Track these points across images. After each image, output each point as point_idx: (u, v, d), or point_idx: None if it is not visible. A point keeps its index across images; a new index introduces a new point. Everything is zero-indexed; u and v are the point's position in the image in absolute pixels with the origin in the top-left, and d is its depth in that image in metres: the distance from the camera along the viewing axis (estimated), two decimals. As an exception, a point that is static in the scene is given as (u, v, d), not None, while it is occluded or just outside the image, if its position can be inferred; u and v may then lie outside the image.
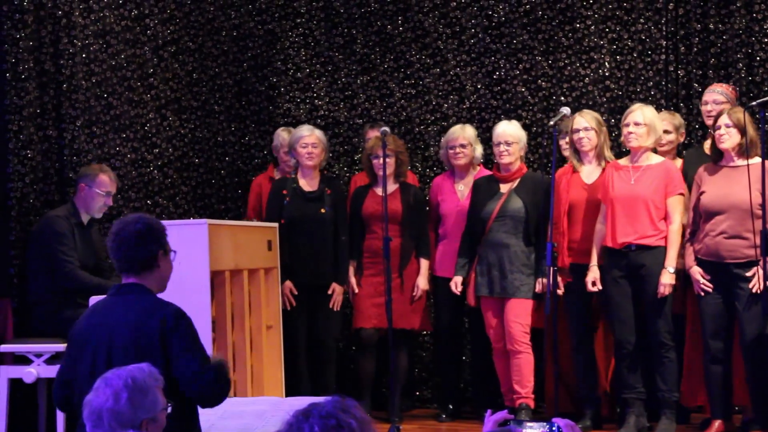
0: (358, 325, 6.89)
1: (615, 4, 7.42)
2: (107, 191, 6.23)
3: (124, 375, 3.05)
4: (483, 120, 7.62)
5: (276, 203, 6.86)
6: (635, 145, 6.16)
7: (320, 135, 6.94)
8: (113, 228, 3.91)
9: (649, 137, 6.16)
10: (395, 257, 6.71)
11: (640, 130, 6.15)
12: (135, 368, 3.10)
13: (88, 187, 6.20)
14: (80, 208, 6.23)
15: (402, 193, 6.87)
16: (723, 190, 5.91)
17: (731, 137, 5.92)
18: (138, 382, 3.04)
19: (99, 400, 3.00)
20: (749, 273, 5.83)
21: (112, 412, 2.98)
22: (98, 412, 2.98)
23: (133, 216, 3.95)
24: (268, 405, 4.87)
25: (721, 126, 5.94)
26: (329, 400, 2.51)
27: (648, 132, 6.15)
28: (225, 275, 5.88)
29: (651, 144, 6.20)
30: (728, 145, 5.93)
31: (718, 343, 5.97)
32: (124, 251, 3.84)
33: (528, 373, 6.45)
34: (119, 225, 3.90)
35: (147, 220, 3.90)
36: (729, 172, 5.95)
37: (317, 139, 6.88)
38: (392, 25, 7.87)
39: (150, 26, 7.25)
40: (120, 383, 3.02)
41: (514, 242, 6.48)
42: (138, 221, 3.88)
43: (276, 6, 8.04)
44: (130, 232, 3.84)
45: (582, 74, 7.46)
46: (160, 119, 7.31)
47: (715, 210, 5.92)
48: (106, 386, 3.02)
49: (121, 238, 3.85)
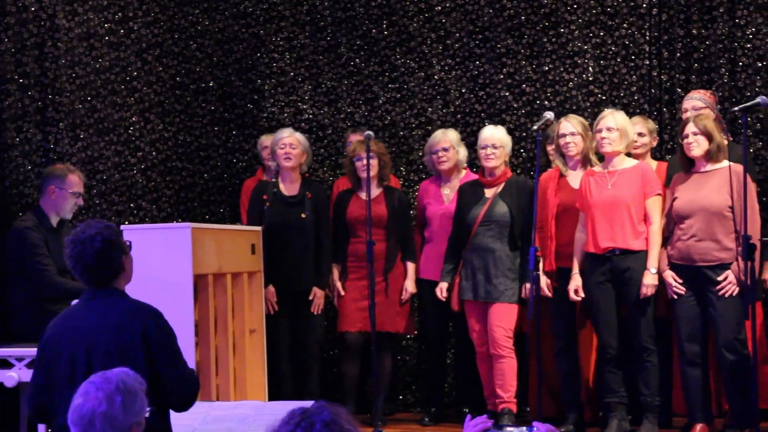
0: (343, 329, 6.88)
1: (599, 9, 7.45)
2: (77, 191, 6.18)
3: (115, 379, 3.03)
4: (467, 124, 7.63)
5: (256, 208, 6.85)
6: (609, 150, 6.19)
7: (300, 137, 6.93)
8: (71, 245, 3.80)
9: (621, 142, 6.20)
10: (380, 261, 6.72)
11: (612, 135, 6.18)
12: (122, 372, 3.08)
13: (58, 189, 6.13)
14: (49, 211, 6.13)
15: (386, 197, 6.87)
16: (694, 195, 5.95)
17: (699, 144, 5.96)
18: (128, 386, 3.03)
19: (90, 405, 2.97)
20: (721, 276, 5.86)
21: (106, 416, 2.96)
22: (90, 417, 2.96)
23: (89, 231, 3.80)
24: (251, 409, 4.86)
25: (688, 134, 5.98)
26: (321, 405, 2.50)
27: (620, 136, 6.19)
28: (208, 279, 5.87)
29: (623, 149, 6.24)
30: (697, 152, 5.97)
31: (693, 347, 5.99)
32: (90, 271, 3.80)
33: (511, 377, 6.45)
34: (77, 248, 3.78)
35: (104, 235, 3.80)
36: (699, 178, 6.00)
37: (295, 141, 6.87)
38: (377, 29, 7.87)
39: (134, 29, 7.24)
40: (112, 387, 3.00)
41: (499, 247, 6.49)
42: (95, 239, 3.77)
43: (261, 10, 8.04)
44: (91, 254, 3.77)
45: (566, 79, 7.48)
46: (143, 122, 7.30)
47: (686, 214, 5.96)
48: (98, 390, 2.99)
49: (84, 260, 3.77)
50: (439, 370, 7.13)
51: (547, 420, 6.33)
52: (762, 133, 7.07)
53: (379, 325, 6.49)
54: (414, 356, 7.60)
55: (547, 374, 6.49)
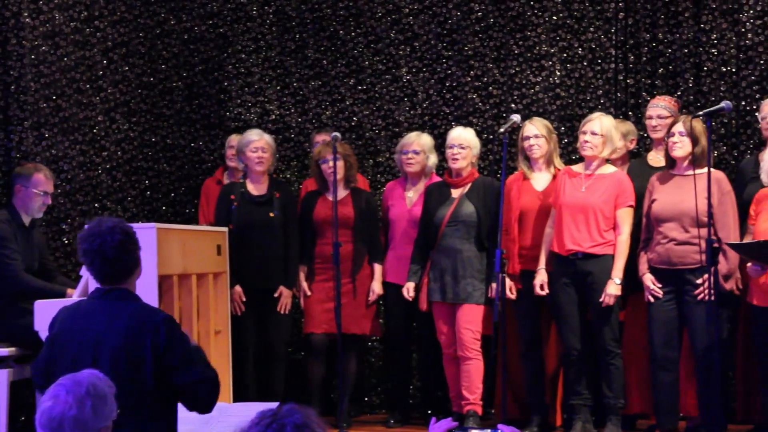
0: (309, 330, 6.87)
1: (565, 12, 7.48)
2: (44, 190, 6.14)
3: (85, 382, 3.00)
4: (435, 126, 7.64)
5: (224, 208, 6.83)
6: (589, 154, 6.21)
7: (269, 140, 6.92)
8: (89, 239, 3.73)
9: (605, 147, 6.20)
10: (347, 262, 6.71)
11: (596, 140, 6.18)
12: (92, 375, 3.05)
13: (24, 188, 6.10)
14: (19, 209, 6.12)
15: (354, 199, 6.87)
16: (673, 198, 5.97)
17: (684, 146, 5.98)
18: (99, 389, 3.00)
19: (60, 408, 2.94)
20: (700, 280, 5.88)
21: (76, 420, 2.93)
22: (59, 420, 2.93)
23: (106, 224, 3.75)
24: (215, 411, 4.82)
25: (675, 133, 6.00)
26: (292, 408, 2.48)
27: (604, 142, 6.19)
28: (173, 279, 5.84)
29: (606, 154, 6.24)
30: (680, 153, 5.99)
31: (667, 351, 6.01)
32: (108, 264, 3.72)
33: (477, 379, 6.46)
34: (96, 240, 3.72)
35: (124, 228, 3.76)
36: (680, 181, 6.01)
37: (267, 144, 6.86)
38: (344, 31, 7.87)
39: (100, 28, 7.19)
40: (82, 390, 2.97)
41: (467, 247, 6.50)
42: (115, 231, 3.72)
43: (228, 10, 8.01)
44: (111, 245, 3.70)
45: (533, 82, 7.51)
46: (109, 122, 7.26)
47: (665, 217, 5.98)
48: (67, 393, 2.96)
49: (103, 251, 3.70)
50: (405, 372, 7.13)
51: (512, 422, 6.35)
52: (726, 137, 7.12)
53: (345, 326, 6.49)
54: (379, 358, 7.60)
55: (512, 376, 6.50)
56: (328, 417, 6.81)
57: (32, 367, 3.89)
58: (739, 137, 7.12)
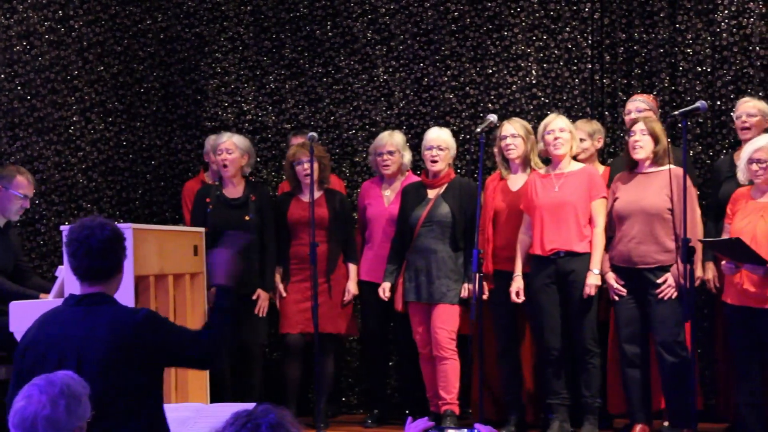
0: (285, 331, 6.86)
1: (542, 12, 7.50)
2: (24, 193, 6.10)
3: (59, 382, 2.98)
4: (411, 126, 7.64)
5: (200, 211, 6.80)
6: (562, 152, 6.23)
7: (237, 140, 6.85)
8: (78, 229, 3.68)
9: (572, 143, 6.26)
10: (322, 262, 6.70)
11: (565, 135, 6.23)
12: (66, 375, 3.03)
13: (4, 189, 6.06)
14: None
15: (327, 199, 6.86)
16: (634, 196, 6.01)
17: (645, 145, 6.02)
18: (72, 390, 2.98)
19: (33, 408, 2.92)
20: (660, 279, 5.92)
21: (50, 420, 2.91)
22: (32, 420, 2.91)
23: (96, 221, 3.71)
24: (192, 411, 4.83)
25: (636, 132, 6.04)
26: (267, 408, 2.48)
27: (571, 138, 6.25)
28: (149, 280, 5.82)
29: (573, 151, 6.29)
30: (642, 153, 6.03)
31: (633, 348, 6.05)
32: (93, 260, 3.66)
33: (454, 379, 6.47)
34: (84, 231, 3.67)
35: (112, 226, 3.72)
36: (641, 179, 6.06)
37: (232, 145, 6.80)
38: (321, 31, 7.86)
39: (75, 28, 7.16)
40: (56, 390, 2.96)
41: (442, 248, 6.50)
42: (104, 227, 3.68)
43: (204, 9, 7.98)
44: (99, 240, 3.65)
45: (509, 82, 7.52)
46: (84, 122, 7.23)
47: (626, 215, 6.02)
48: (41, 393, 2.94)
49: (89, 245, 3.64)
50: (382, 372, 7.13)
51: (489, 422, 6.36)
52: (701, 137, 7.16)
53: (321, 326, 6.48)
54: (356, 358, 7.60)
55: (488, 376, 6.51)
56: (305, 417, 6.81)
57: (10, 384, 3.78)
58: (714, 137, 7.15)
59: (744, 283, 5.80)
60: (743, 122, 6.39)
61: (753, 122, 6.36)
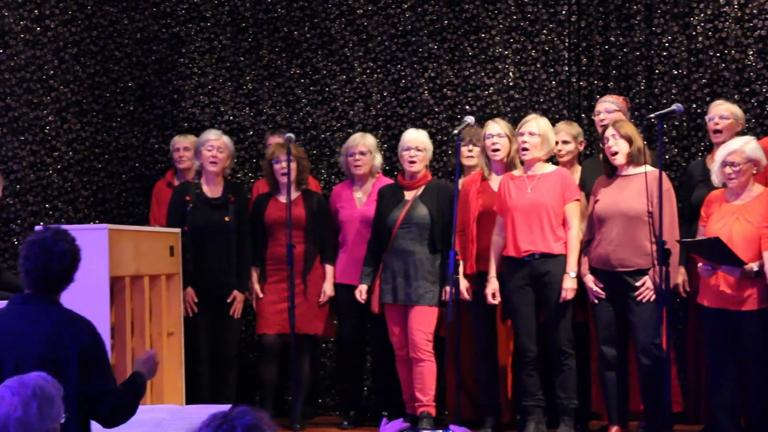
0: (261, 331, 6.85)
1: (519, 15, 7.51)
2: None
3: (31, 384, 2.97)
4: (389, 128, 7.64)
5: (178, 209, 6.77)
6: (529, 156, 6.24)
7: (227, 141, 6.88)
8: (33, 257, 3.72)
9: (542, 147, 6.25)
10: (299, 263, 6.69)
11: (534, 140, 6.23)
12: (39, 377, 3.02)
13: None
14: None
15: (305, 200, 6.85)
16: (613, 199, 6.03)
17: (620, 148, 6.04)
18: (45, 391, 2.97)
19: (5, 410, 2.91)
20: (639, 282, 5.94)
21: (21, 422, 2.90)
22: (4, 422, 2.90)
23: (52, 233, 3.76)
24: (167, 413, 4.81)
25: (609, 137, 6.06)
26: (244, 410, 2.48)
27: (542, 142, 6.24)
28: (125, 281, 5.80)
29: (544, 155, 6.28)
30: (619, 157, 6.05)
31: (611, 350, 6.07)
32: (49, 282, 3.73)
33: (430, 380, 6.47)
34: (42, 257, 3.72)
35: (70, 238, 3.78)
36: (621, 182, 6.07)
37: (223, 144, 6.82)
38: (299, 32, 7.85)
39: (51, 27, 7.13)
40: (29, 392, 2.94)
41: (419, 249, 6.50)
42: (62, 239, 3.74)
43: (181, 10, 7.96)
44: (58, 254, 3.71)
45: (486, 83, 7.53)
46: (60, 122, 7.19)
47: (606, 218, 6.03)
48: (13, 395, 2.93)
49: (45, 272, 3.71)
50: (358, 373, 7.12)
51: (465, 423, 6.37)
52: (677, 140, 7.19)
53: (298, 327, 6.47)
54: (333, 359, 7.59)
55: (465, 377, 6.51)
56: (282, 418, 6.79)
57: None
58: (690, 139, 7.19)
59: (720, 285, 5.84)
60: (715, 124, 6.43)
61: (725, 125, 6.39)
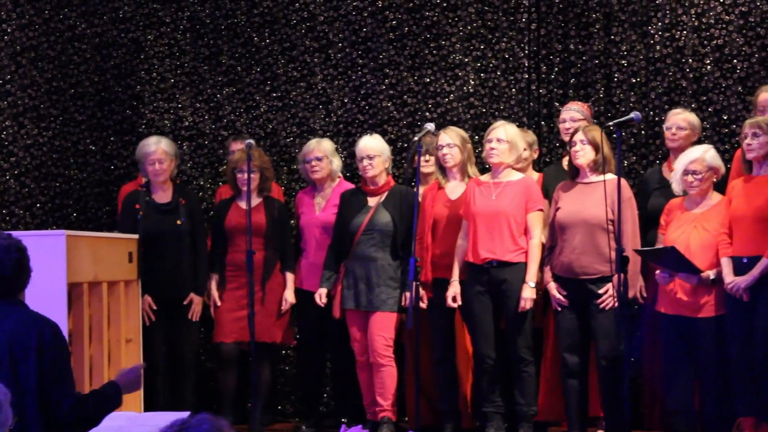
0: (218, 340, 6.81)
1: (479, 22, 7.55)
2: None
3: None
4: (349, 134, 7.64)
5: (129, 217, 6.73)
6: (496, 161, 6.27)
7: (166, 147, 6.80)
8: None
9: (510, 154, 6.27)
10: (258, 270, 6.66)
11: (501, 146, 6.25)
12: None
13: None
14: None
15: (266, 207, 6.83)
16: (576, 206, 6.06)
17: (586, 153, 6.07)
18: None
19: None
20: (602, 290, 5.98)
21: None
22: None
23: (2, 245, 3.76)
24: (125, 420, 4.77)
25: (576, 142, 6.10)
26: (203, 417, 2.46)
27: (510, 149, 6.26)
28: (83, 287, 5.76)
29: (512, 161, 6.31)
30: (583, 161, 6.09)
31: (573, 358, 6.10)
32: (5, 282, 3.74)
33: (391, 385, 6.47)
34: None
35: (18, 246, 3.77)
36: (583, 188, 6.11)
37: (163, 153, 6.75)
38: (259, 38, 7.83)
39: (7, 32, 7.08)
40: None
41: (382, 256, 6.50)
42: (10, 250, 3.74)
43: (140, 15, 7.91)
44: (9, 266, 3.72)
45: (447, 91, 7.56)
46: (17, 127, 7.14)
47: (568, 225, 6.06)
48: None
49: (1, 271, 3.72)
50: (317, 379, 7.11)
51: (424, 429, 6.39)
52: (635, 147, 7.25)
53: (256, 335, 6.43)
54: (293, 365, 7.57)
55: (424, 383, 6.52)
56: (241, 425, 6.77)
57: None
58: (648, 147, 7.25)
59: (678, 293, 5.89)
60: (672, 134, 6.49)
61: (682, 135, 6.46)
